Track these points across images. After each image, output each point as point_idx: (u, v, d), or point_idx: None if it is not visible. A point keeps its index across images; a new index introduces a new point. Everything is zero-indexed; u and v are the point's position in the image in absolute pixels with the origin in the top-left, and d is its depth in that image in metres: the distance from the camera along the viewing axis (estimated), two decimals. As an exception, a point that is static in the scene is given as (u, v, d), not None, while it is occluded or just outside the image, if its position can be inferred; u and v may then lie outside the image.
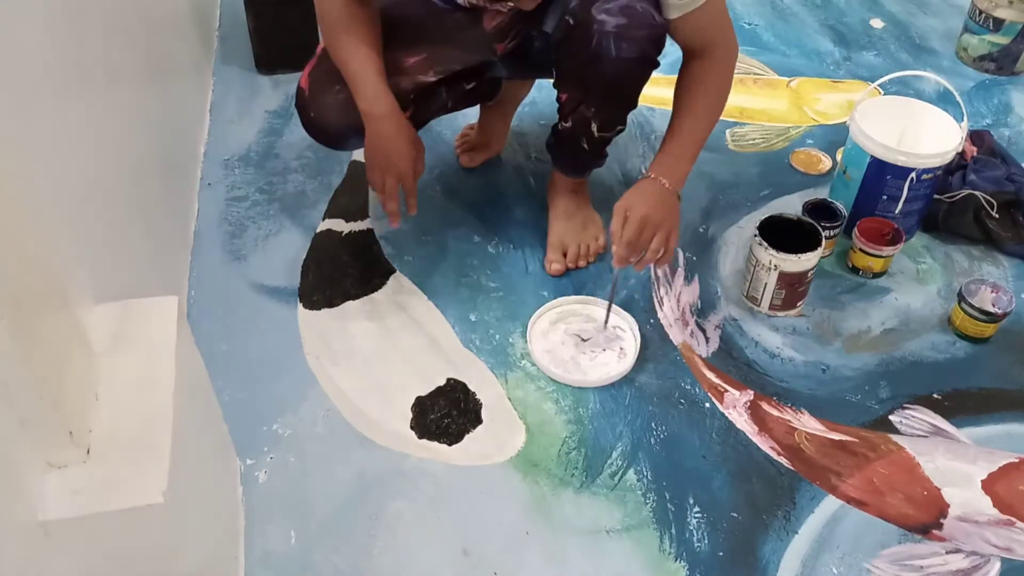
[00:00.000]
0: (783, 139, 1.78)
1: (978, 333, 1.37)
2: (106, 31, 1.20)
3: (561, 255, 1.47)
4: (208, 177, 1.62)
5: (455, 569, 1.08)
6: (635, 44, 1.22)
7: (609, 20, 1.21)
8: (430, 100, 1.38)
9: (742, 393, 1.29)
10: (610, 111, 1.33)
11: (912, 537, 1.13)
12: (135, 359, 0.87)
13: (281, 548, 1.09)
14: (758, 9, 2.22)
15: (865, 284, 1.47)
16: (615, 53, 1.22)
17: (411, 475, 1.17)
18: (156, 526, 0.78)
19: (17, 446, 0.71)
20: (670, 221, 1.26)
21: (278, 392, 1.27)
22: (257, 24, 1.84)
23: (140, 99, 1.33)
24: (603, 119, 1.33)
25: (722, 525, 1.14)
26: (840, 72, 1.99)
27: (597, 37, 1.22)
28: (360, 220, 1.56)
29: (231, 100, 1.81)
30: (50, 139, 0.93)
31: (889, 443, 1.23)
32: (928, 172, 1.44)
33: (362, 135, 1.29)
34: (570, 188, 1.48)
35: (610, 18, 1.21)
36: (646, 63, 1.26)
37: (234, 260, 1.47)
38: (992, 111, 1.88)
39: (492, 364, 1.32)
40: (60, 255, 0.86)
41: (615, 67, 1.24)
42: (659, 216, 1.24)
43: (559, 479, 1.18)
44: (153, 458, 0.79)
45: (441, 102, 1.41)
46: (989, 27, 1.95)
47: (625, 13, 1.21)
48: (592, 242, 1.49)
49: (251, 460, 1.18)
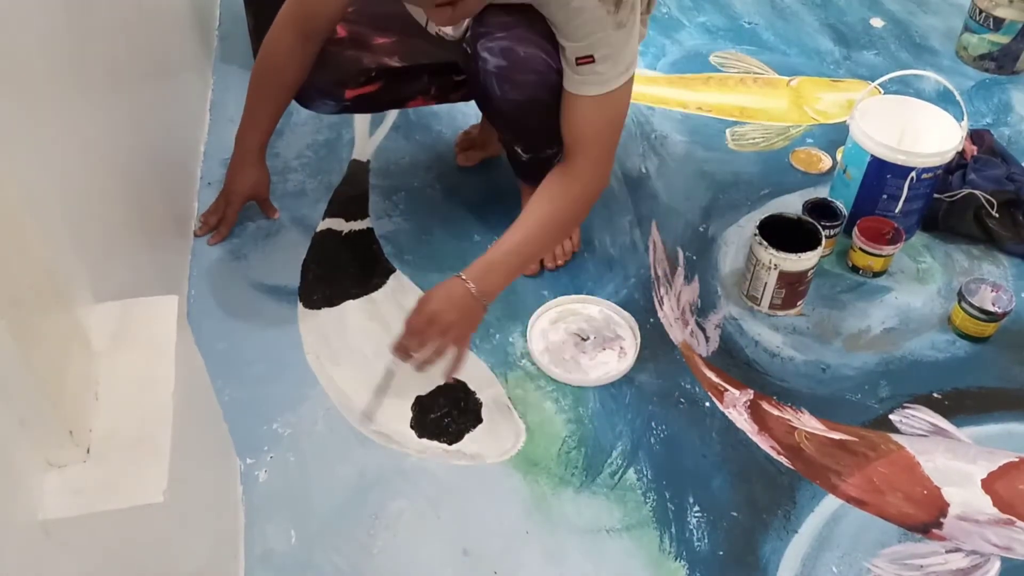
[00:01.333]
0: (783, 138, 1.78)
1: (978, 332, 1.37)
2: (106, 30, 1.20)
3: None
4: (208, 176, 1.62)
5: (455, 568, 1.08)
6: (520, 88, 1.20)
7: (491, 60, 1.20)
8: (407, 82, 1.40)
9: (742, 392, 1.29)
10: (525, 140, 1.32)
11: (912, 536, 1.13)
12: (135, 358, 0.87)
13: (281, 547, 1.09)
14: (758, 8, 2.22)
15: (865, 283, 1.47)
16: (499, 93, 1.22)
17: (411, 474, 1.18)
18: (156, 525, 0.78)
19: (17, 445, 0.71)
20: (461, 327, 1.17)
21: (278, 391, 1.27)
22: (257, 23, 1.84)
23: (140, 98, 1.33)
24: (523, 144, 1.34)
25: (722, 524, 1.14)
26: (840, 71, 1.99)
27: (482, 74, 1.22)
28: (360, 219, 1.56)
29: (231, 99, 1.81)
30: (50, 138, 0.93)
31: (889, 442, 1.23)
32: (928, 171, 1.44)
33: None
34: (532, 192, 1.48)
35: (491, 57, 1.20)
36: (539, 106, 1.22)
37: (234, 259, 1.47)
38: (992, 110, 1.88)
39: (492, 364, 1.32)
40: (60, 254, 0.86)
41: (505, 106, 1.23)
42: (451, 318, 1.16)
43: (559, 478, 1.18)
44: (153, 457, 0.79)
45: (422, 86, 1.42)
46: (989, 26, 1.95)
47: (506, 56, 1.18)
48: (566, 241, 1.48)
49: (251, 459, 1.18)
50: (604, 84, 1.16)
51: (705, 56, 2.02)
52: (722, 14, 2.18)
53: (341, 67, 1.37)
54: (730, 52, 2.03)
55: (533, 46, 1.18)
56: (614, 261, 1.49)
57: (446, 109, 1.78)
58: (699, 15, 2.18)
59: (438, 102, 1.48)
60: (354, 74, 1.37)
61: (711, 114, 1.83)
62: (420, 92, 1.43)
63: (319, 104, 1.41)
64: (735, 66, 1.99)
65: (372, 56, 1.37)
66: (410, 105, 1.47)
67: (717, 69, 1.98)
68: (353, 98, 1.39)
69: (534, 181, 1.44)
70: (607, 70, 1.15)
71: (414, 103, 1.46)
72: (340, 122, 1.77)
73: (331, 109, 1.43)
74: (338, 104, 1.41)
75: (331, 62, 1.37)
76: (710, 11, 2.19)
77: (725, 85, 1.92)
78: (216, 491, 1.05)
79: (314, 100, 1.41)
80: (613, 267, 1.48)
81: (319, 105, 1.42)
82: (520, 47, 1.18)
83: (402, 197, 1.61)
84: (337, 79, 1.37)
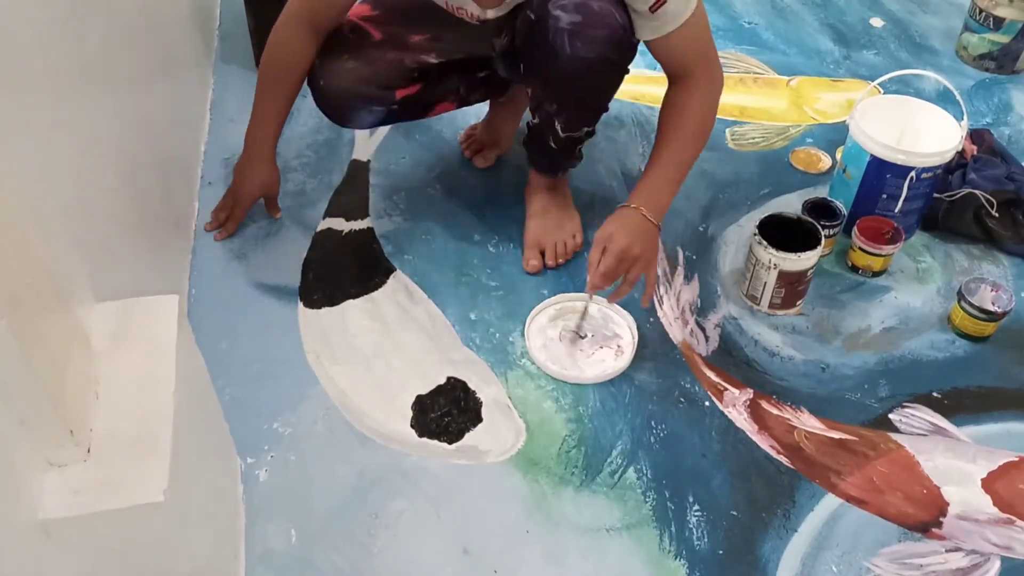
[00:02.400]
0: (783, 138, 1.78)
1: (978, 332, 1.37)
2: (106, 30, 1.20)
3: (538, 253, 1.46)
4: (208, 176, 1.62)
5: (455, 568, 1.08)
6: (591, 44, 1.21)
7: (564, 16, 1.20)
8: (441, 81, 1.41)
9: (742, 392, 1.29)
10: (572, 110, 1.32)
11: (912, 536, 1.13)
12: (135, 358, 0.87)
13: (281, 547, 1.10)
14: (758, 8, 2.22)
15: (865, 283, 1.47)
16: (570, 51, 1.21)
17: (411, 474, 1.18)
18: (156, 525, 0.78)
19: (17, 445, 0.71)
20: (649, 255, 1.25)
21: (278, 391, 1.27)
22: (257, 23, 1.84)
23: (140, 97, 1.33)
24: (566, 118, 1.33)
25: (722, 523, 1.14)
26: (840, 71, 1.99)
27: (552, 33, 1.21)
28: (360, 219, 1.56)
29: (231, 98, 1.81)
30: (50, 138, 0.93)
31: (889, 442, 1.23)
32: (928, 171, 1.44)
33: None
34: (546, 186, 1.48)
35: (565, 15, 1.20)
36: (606, 65, 1.24)
37: (234, 259, 1.47)
38: (992, 110, 1.88)
39: (492, 363, 1.32)
40: (60, 254, 0.86)
41: (571, 65, 1.23)
42: (638, 250, 1.23)
43: (559, 478, 1.18)
44: (153, 457, 0.79)
45: (452, 86, 1.43)
46: (989, 26, 1.95)
47: (580, 11, 1.19)
48: (569, 239, 1.48)
49: (251, 459, 1.18)
50: (681, 15, 1.20)
51: (705, 56, 2.02)
52: (722, 14, 2.18)
53: (387, 69, 1.37)
54: (730, 52, 2.03)
55: (606, 1, 1.20)
56: (614, 261, 1.49)
57: (446, 109, 1.78)
58: (699, 15, 2.17)
59: (460, 105, 1.48)
60: (400, 74, 1.37)
61: (711, 114, 1.84)
62: (451, 91, 1.44)
63: (363, 114, 1.40)
64: (735, 66, 1.99)
65: (412, 55, 1.37)
66: (438, 109, 1.47)
67: (717, 69, 1.98)
68: (401, 99, 1.39)
69: (552, 172, 1.45)
70: (678, 5, 1.19)
71: (441, 107, 1.47)
72: (340, 122, 1.77)
73: (375, 118, 1.42)
74: (386, 108, 1.40)
75: (376, 66, 1.36)
76: (710, 11, 2.17)
77: (725, 85, 1.92)
78: (216, 491, 1.05)
79: (358, 111, 1.40)
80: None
81: (362, 116, 1.41)
82: (594, 2, 1.19)
83: (402, 197, 1.61)
84: (385, 82, 1.37)
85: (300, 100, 1.46)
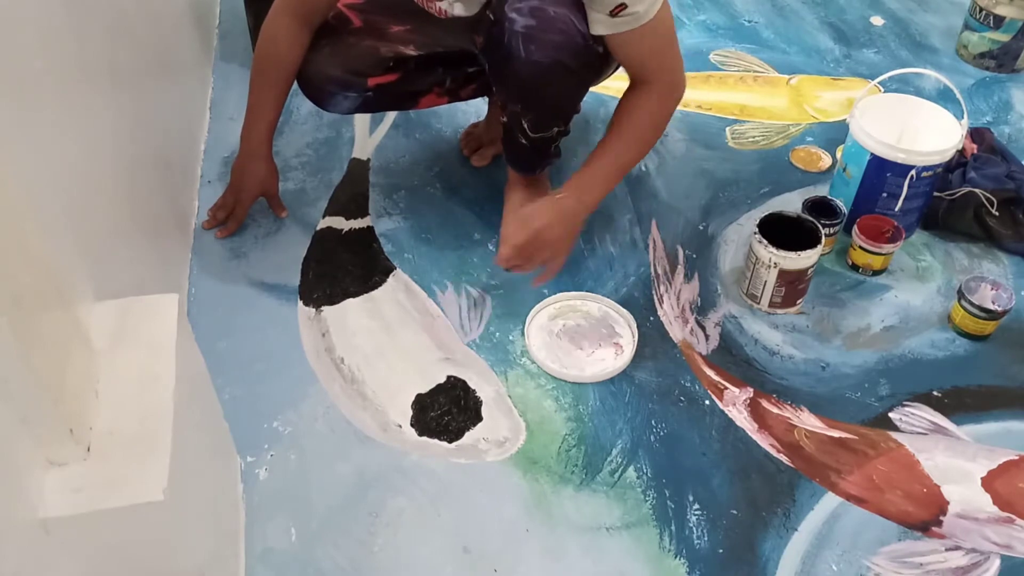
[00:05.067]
0: (783, 137, 1.78)
1: (978, 331, 1.37)
2: (106, 29, 1.20)
3: None
4: (208, 174, 1.62)
5: (455, 566, 1.08)
6: (545, 49, 1.20)
7: (519, 20, 1.19)
8: (422, 74, 1.40)
9: (742, 390, 1.29)
10: (536, 112, 1.31)
11: (912, 534, 1.13)
12: (135, 357, 0.87)
13: (281, 545, 1.10)
14: (758, 7, 2.22)
15: (865, 282, 1.47)
16: (524, 55, 1.21)
17: (411, 472, 1.18)
18: (156, 523, 0.78)
19: (17, 444, 0.71)
20: (561, 244, 1.27)
21: (278, 389, 1.27)
22: (257, 22, 1.83)
23: (140, 96, 1.33)
24: (532, 119, 1.32)
25: (722, 522, 1.14)
26: (840, 69, 1.99)
27: (508, 35, 1.21)
28: (360, 218, 1.56)
29: (231, 97, 1.81)
30: (50, 137, 0.93)
31: (889, 440, 1.23)
32: (928, 170, 1.44)
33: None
34: (524, 184, 1.47)
35: (520, 18, 1.19)
36: (561, 70, 1.22)
37: (234, 258, 1.47)
38: (992, 108, 1.88)
39: (492, 362, 1.32)
40: (60, 253, 0.86)
41: (527, 69, 1.22)
42: (555, 235, 1.24)
43: (559, 476, 1.18)
44: (153, 455, 0.79)
45: (436, 79, 1.42)
46: (989, 24, 1.95)
47: (535, 15, 1.19)
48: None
49: (251, 457, 1.19)
50: (642, 17, 1.19)
51: (705, 55, 2.02)
52: (722, 12, 2.18)
53: (361, 56, 1.37)
54: (730, 50, 2.03)
55: (563, 7, 1.19)
56: (614, 259, 1.49)
57: (446, 107, 1.78)
58: (699, 13, 2.17)
59: (450, 99, 1.48)
60: (374, 63, 1.37)
61: (711, 112, 1.84)
62: (436, 83, 1.43)
63: (339, 99, 1.40)
64: (735, 64, 1.99)
65: (389, 45, 1.37)
66: (423, 103, 1.46)
67: (717, 68, 1.98)
68: (375, 87, 1.38)
69: (528, 170, 1.44)
70: (639, 7, 1.18)
71: (427, 100, 1.45)
72: (340, 120, 1.77)
73: (351, 104, 1.41)
74: (360, 95, 1.39)
75: (350, 52, 1.37)
76: (710, 9, 2.19)
77: (725, 83, 1.92)
78: (216, 489, 1.05)
79: (334, 95, 1.39)
80: (613, 265, 1.48)
81: (339, 100, 1.40)
82: (550, 7, 1.19)
83: (402, 195, 1.61)
84: (358, 68, 1.37)
85: (301, 99, 1.46)
